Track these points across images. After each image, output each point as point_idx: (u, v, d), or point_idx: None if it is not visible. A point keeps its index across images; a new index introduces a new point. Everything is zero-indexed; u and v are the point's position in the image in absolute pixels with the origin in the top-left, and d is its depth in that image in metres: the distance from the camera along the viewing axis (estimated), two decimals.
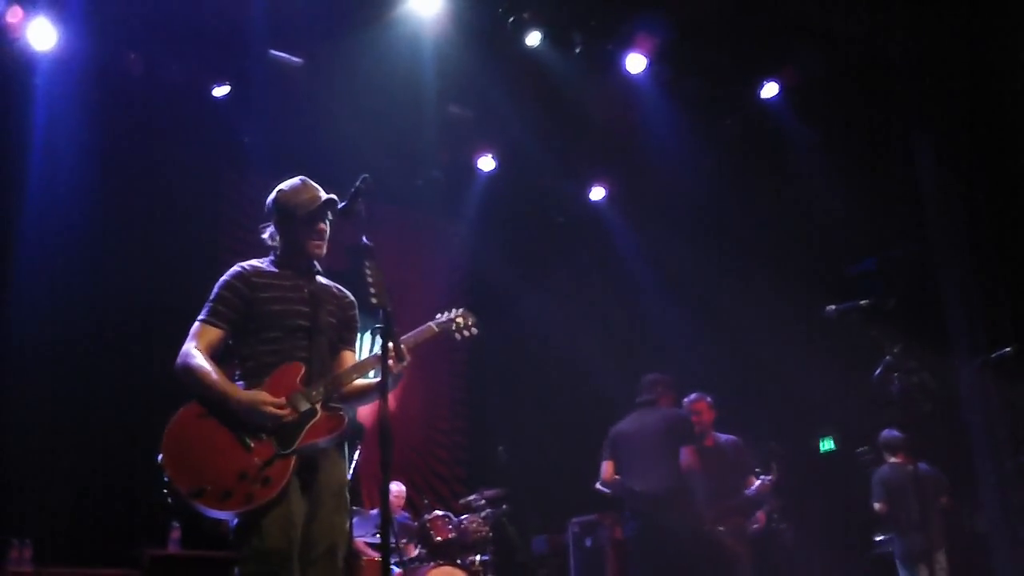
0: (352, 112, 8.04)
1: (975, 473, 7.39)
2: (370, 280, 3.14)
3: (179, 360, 3.30)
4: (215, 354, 3.35)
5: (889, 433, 7.24)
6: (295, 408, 3.25)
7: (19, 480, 6.57)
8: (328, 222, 3.54)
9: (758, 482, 6.69)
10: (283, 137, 7.85)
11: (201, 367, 3.25)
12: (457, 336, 3.66)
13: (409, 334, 3.52)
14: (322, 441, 3.30)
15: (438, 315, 3.70)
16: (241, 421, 3.19)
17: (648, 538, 6.40)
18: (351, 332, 3.66)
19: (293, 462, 3.20)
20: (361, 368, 3.46)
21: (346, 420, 3.36)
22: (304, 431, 3.25)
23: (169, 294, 6.79)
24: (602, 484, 6.61)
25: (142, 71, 7.44)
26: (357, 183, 3.31)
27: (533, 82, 8.11)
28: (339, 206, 3.38)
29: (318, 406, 3.30)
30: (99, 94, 7.21)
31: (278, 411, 3.20)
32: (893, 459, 7.17)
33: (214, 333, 3.37)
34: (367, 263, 3.16)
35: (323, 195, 3.52)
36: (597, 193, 10.02)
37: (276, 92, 7.84)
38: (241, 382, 3.33)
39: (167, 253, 7.52)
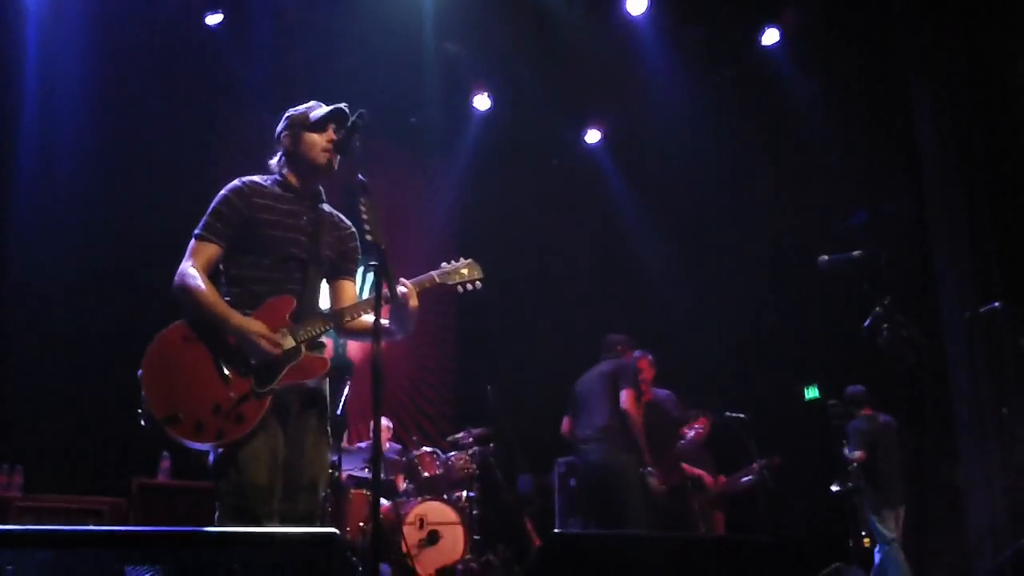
0: (348, 48, 7.92)
1: (954, 426, 7.49)
2: (365, 217, 3.04)
3: (177, 279, 3.21)
4: (211, 272, 3.26)
5: (854, 388, 7.38)
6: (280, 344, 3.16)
7: (11, 406, 6.58)
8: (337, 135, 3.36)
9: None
10: (277, 72, 7.74)
11: (199, 287, 3.17)
12: (459, 289, 3.46)
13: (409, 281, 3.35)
14: (302, 383, 3.23)
15: (443, 263, 3.51)
16: (226, 349, 3.12)
17: (581, 474, 6.69)
18: (351, 263, 3.56)
19: (268, 401, 3.12)
20: (356, 309, 3.36)
21: (328, 363, 3.28)
22: (285, 370, 3.16)
23: (163, 222, 6.74)
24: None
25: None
26: (353, 117, 3.23)
27: (532, 21, 8.00)
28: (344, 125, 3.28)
29: (303, 346, 3.21)
30: (93, 22, 7.08)
31: (269, 347, 3.12)
32: (862, 412, 7.29)
33: (211, 250, 3.28)
34: (362, 199, 3.05)
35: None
36: (593, 136, 9.95)
37: (270, 25, 7.71)
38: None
39: (163, 182, 7.43)
